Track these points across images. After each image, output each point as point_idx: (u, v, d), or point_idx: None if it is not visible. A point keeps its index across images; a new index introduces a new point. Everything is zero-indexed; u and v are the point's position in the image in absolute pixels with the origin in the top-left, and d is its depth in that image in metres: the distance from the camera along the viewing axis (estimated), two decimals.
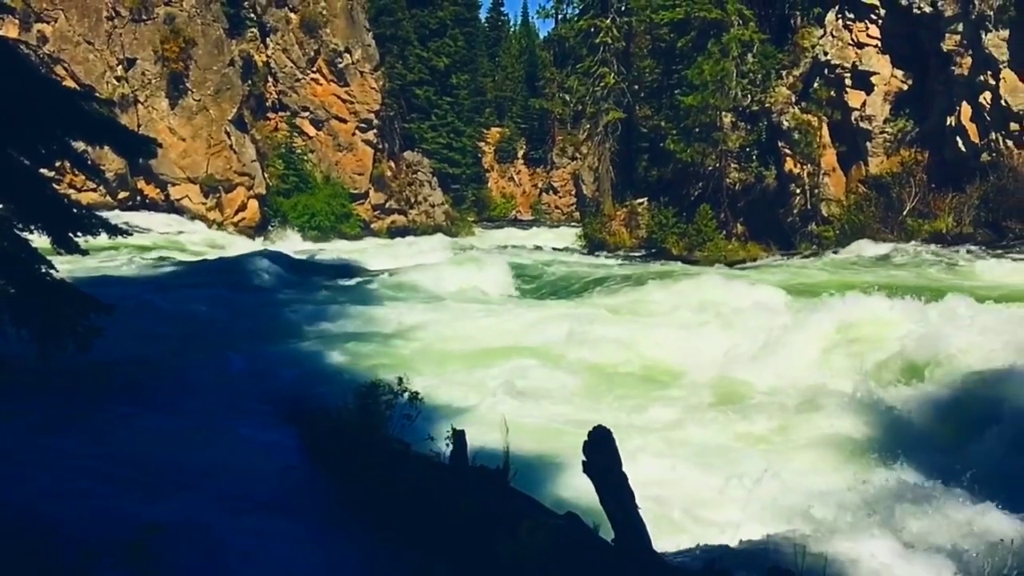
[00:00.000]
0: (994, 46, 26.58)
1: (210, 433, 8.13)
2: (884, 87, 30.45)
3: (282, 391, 10.33)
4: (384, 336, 14.65)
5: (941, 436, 9.41)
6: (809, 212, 31.43)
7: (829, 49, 31.33)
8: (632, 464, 5.23)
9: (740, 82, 31.69)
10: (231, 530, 5.65)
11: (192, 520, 5.49)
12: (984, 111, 27.10)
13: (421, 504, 5.88)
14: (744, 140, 32.71)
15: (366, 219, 45.49)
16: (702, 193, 33.17)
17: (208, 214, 38.66)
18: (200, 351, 12.47)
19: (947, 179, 27.63)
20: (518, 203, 70.40)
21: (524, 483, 6.46)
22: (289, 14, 43.65)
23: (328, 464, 7.32)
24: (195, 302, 16.87)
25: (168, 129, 37.97)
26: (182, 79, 38.20)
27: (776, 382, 11.60)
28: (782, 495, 7.50)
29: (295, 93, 44.09)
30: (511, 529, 5.10)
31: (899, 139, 29.72)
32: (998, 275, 19.53)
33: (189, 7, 38.57)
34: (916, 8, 28.76)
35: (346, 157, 44.86)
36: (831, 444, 9.38)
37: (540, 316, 16.28)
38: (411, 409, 7.04)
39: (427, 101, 55.32)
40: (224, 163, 38.75)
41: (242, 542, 5.50)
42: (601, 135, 40.12)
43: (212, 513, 5.91)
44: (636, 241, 35.55)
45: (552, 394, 11.26)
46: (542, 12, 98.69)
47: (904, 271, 21.83)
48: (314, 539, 5.89)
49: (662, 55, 38.26)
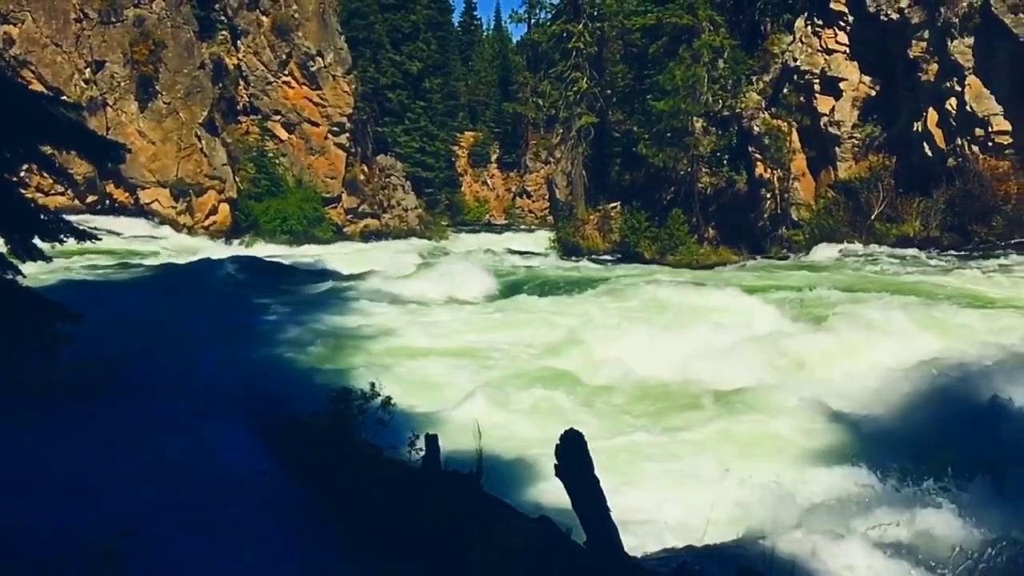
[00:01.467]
0: (959, 53, 27.04)
1: (177, 438, 8.05)
2: (852, 93, 30.87)
3: (253, 396, 10.25)
4: (357, 340, 14.59)
5: (907, 438, 9.54)
6: (779, 216, 31.76)
7: (798, 55, 31.71)
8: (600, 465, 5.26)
9: (711, 87, 31.97)
10: (198, 536, 5.60)
11: (159, 526, 5.44)
12: (950, 117, 27.56)
13: (393, 509, 5.87)
14: (715, 145, 33.00)
15: (339, 223, 45.25)
16: (674, 197, 33.41)
17: (178, 218, 38.29)
18: (168, 356, 12.33)
19: (914, 184, 28.05)
20: (492, 207, 70.39)
21: (497, 487, 6.47)
22: (260, 17, 43.37)
23: (299, 469, 7.27)
24: (164, 307, 16.69)
25: (137, 132, 37.58)
26: (152, 82, 37.82)
27: (730, 382, 11.70)
28: (748, 496, 7.57)
29: (266, 96, 43.79)
30: (484, 533, 5.12)
31: (867, 144, 30.15)
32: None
33: (159, 9, 38.21)
34: (883, 15, 29.19)
35: (318, 161, 44.62)
36: (793, 446, 9.47)
37: (514, 319, 16.32)
38: (384, 414, 7.02)
39: (400, 105, 55.17)
40: (194, 167, 38.40)
41: (209, 548, 5.46)
42: (574, 139, 40.27)
43: (179, 519, 5.86)
44: (609, 245, 35.70)
45: (525, 398, 11.28)
46: (515, 16, 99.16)
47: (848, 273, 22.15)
48: (284, 545, 5.85)
49: (634, 60, 38.51)
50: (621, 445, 9.49)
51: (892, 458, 8.79)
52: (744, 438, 9.80)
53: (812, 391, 10.94)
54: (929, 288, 18.51)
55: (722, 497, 7.38)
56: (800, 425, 9.94)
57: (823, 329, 13.66)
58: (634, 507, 7.48)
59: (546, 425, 9.63)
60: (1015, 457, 8.38)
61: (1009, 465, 8.17)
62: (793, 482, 8.01)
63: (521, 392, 11.49)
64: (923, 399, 10.28)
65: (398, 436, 6.72)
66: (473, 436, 6.50)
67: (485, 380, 12.00)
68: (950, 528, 6.91)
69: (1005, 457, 8.41)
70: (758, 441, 9.67)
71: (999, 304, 16.20)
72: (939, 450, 8.63)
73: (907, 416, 9.96)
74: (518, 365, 12.94)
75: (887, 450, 9.13)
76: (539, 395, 11.48)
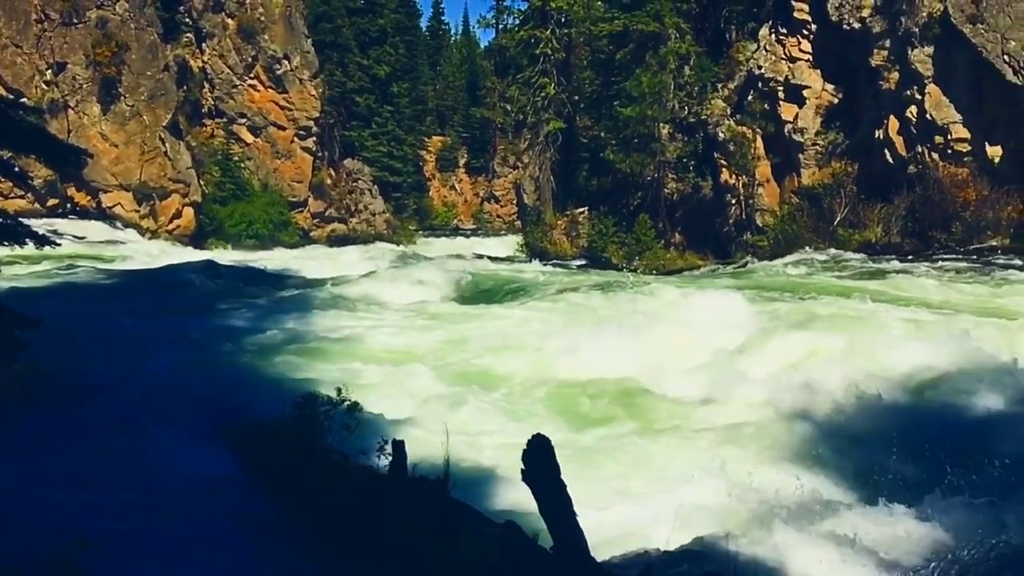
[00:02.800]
0: (920, 62, 27.53)
1: (141, 445, 7.95)
2: (816, 100, 31.30)
3: (217, 403, 10.14)
4: (323, 346, 14.49)
5: (873, 441, 9.66)
6: (744, 222, 32.09)
7: (763, 63, 32.09)
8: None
9: (677, 94, 32.27)
10: (162, 544, 5.53)
11: (120, 534, 5.36)
12: (910, 124, 28.05)
13: (359, 515, 5.84)
14: (681, 151, 33.29)
15: (305, 227, 44.95)
16: (641, 203, 33.64)
17: (141, 222, 37.78)
18: (131, 363, 12.18)
19: (876, 190, 28.49)
20: (460, 212, 70.28)
21: (464, 493, 6.46)
22: (226, 19, 42.99)
23: (264, 476, 7.21)
24: (127, 313, 16.46)
25: (100, 135, 37.05)
26: (115, 84, 37.31)
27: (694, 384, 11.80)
28: (714, 499, 7.63)
29: (232, 99, 43.40)
30: (450, 539, 5.10)
31: (830, 151, 30.56)
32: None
33: (122, 11, 37.70)
34: (846, 24, 29.64)
35: (285, 165, 44.30)
36: (758, 447, 9.56)
37: (481, 324, 16.31)
38: (350, 419, 6.97)
39: (367, 109, 54.95)
40: (158, 170, 37.92)
41: (172, 555, 5.39)
42: (542, 145, 40.40)
43: (141, 526, 5.78)
44: (577, 250, 35.84)
45: (494, 403, 11.27)
46: (483, 22, 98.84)
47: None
48: (248, 552, 5.80)
49: (601, 66, 38.73)
50: (587, 448, 9.52)
51: (859, 460, 8.91)
52: (708, 440, 9.88)
53: (778, 393, 11.05)
54: (892, 292, 18.85)
55: (687, 499, 7.43)
56: (765, 427, 10.04)
57: (788, 332, 13.81)
58: (598, 511, 7.51)
59: (514, 429, 9.63)
60: (980, 459, 8.51)
61: (974, 467, 8.31)
62: (758, 484, 8.08)
63: (489, 397, 11.49)
64: (889, 402, 10.42)
65: (364, 442, 6.67)
66: (440, 442, 6.49)
67: (453, 385, 11.97)
68: (916, 530, 7.00)
69: (970, 459, 8.55)
70: (722, 443, 9.75)
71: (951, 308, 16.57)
72: (905, 453, 8.75)
73: (873, 418, 10.09)
74: (487, 370, 12.93)
75: (854, 452, 9.25)
76: (507, 400, 11.48)
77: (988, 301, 17.21)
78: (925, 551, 6.62)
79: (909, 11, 27.73)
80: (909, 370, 11.17)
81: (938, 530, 7.00)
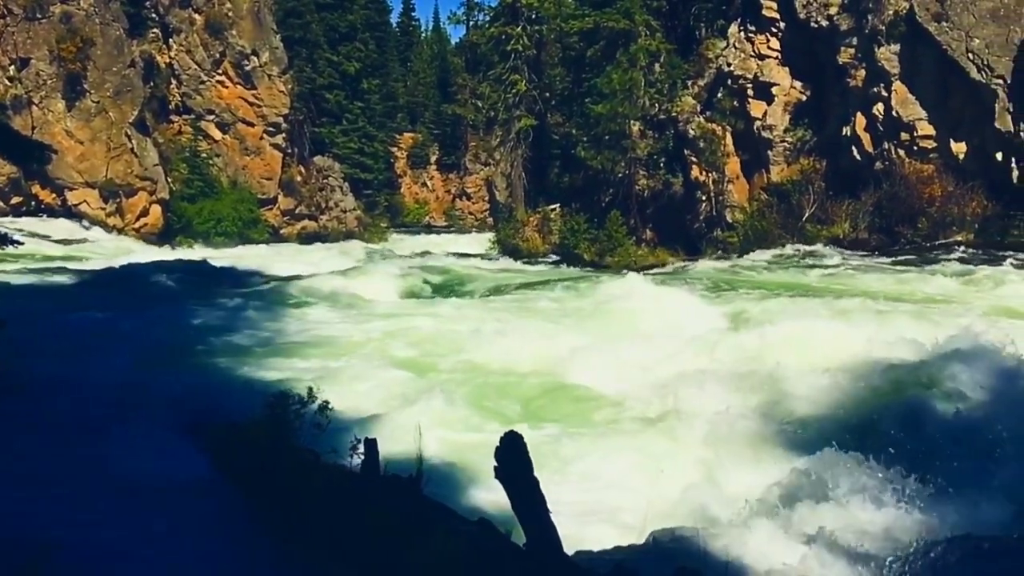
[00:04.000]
0: (886, 60, 27.88)
1: (106, 446, 7.82)
2: (784, 98, 31.58)
3: (185, 402, 10.02)
4: (294, 344, 14.40)
5: (844, 434, 9.74)
6: (715, 218, 32.31)
7: (732, 60, 32.32)
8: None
9: (648, 91, 32.38)
10: (129, 545, 5.45)
11: (87, 537, 5.27)
12: (877, 121, 28.40)
13: (331, 514, 5.80)
14: (652, 148, 33.43)
15: (275, 225, 44.59)
16: (612, 199, 33.75)
17: (108, 220, 37.27)
18: (96, 362, 12.00)
19: (844, 186, 28.82)
20: (431, 209, 70.15)
21: (437, 491, 6.43)
22: (193, 15, 42.50)
23: (235, 476, 7.13)
24: (92, 312, 16.23)
25: (65, 132, 36.50)
26: (80, 80, 36.76)
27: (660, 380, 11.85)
28: (685, 493, 7.67)
29: (200, 96, 42.92)
30: (423, 537, 5.08)
31: (798, 148, 30.86)
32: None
33: (87, 6, 37.15)
34: (813, 22, 29.93)
35: (254, 161, 43.90)
36: (729, 442, 9.62)
37: (453, 322, 16.27)
38: (321, 418, 6.92)
39: (338, 105, 54.65)
40: (125, 167, 37.41)
41: (141, 556, 5.31)
42: (513, 141, 40.37)
43: (108, 528, 5.69)
44: (549, 247, 35.87)
45: (465, 400, 11.25)
46: (453, 18, 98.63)
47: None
48: (218, 551, 5.73)
49: (572, 63, 38.80)
50: (558, 445, 9.53)
51: (830, 453, 8.95)
52: (678, 435, 9.92)
53: (747, 388, 11.11)
54: (861, 287, 19.14)
55: (658, 494, 7.46)
56: (736, 421, 10.09)
57: (755, 326, 13.92)
58: (570, 507, 7.52)
59: (487, 427, 9.62)
60: (948, 450, 8.62)
61: (942, 458, 8.41)
62: (728, 479, 8.15)
63: (461, 395, 11.46)
64: (858, 393, 10.51)
65: (337, 441, 6.63)
66: (414, 440, 6.46)
67: (426, 383, 11.94)
68: (890, 522, 7.05)
69: (940, 450, 8.66)
70: (692, 437, 9.79)
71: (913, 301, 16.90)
72: (876, 445, 8.84)
73: (843, 411, 10.18)
74: (459, 368, 12.90)
75: (824, 445, 9.31)
76: (480, 397, 11.46)
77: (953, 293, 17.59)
78: (897, 543, 6.68)
79: (875, 9, 28.07)
80: (873, 362, 11.25)
81: (910, 521, 7.06)
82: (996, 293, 17.84)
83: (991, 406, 9.36)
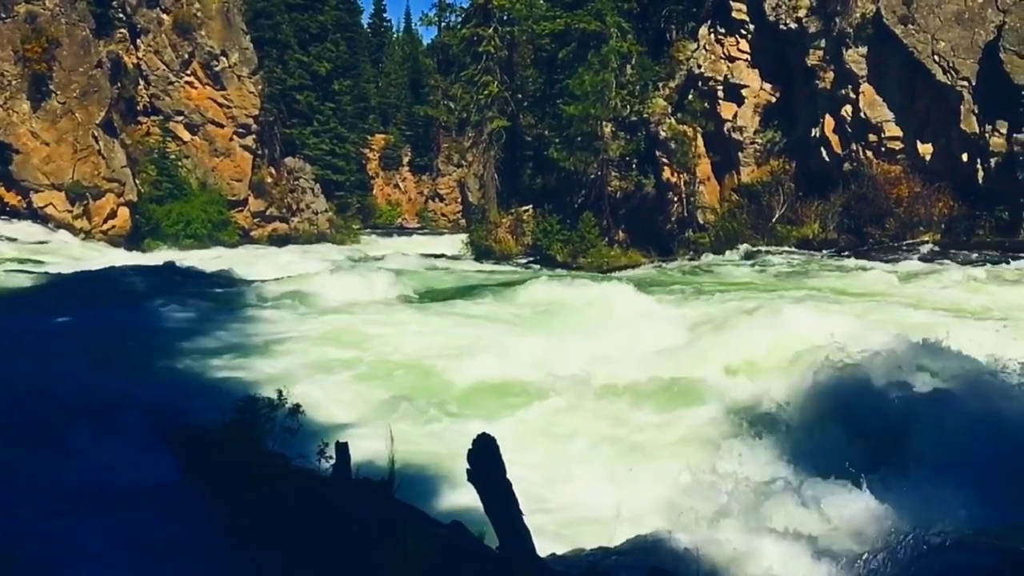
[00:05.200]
0: (854, 62, 28.20)
1: (71, 451, 7.70)
2: (754, 99, 31.84)
3: (153, 406, 9.89)
4: (264, 347, 14.24)
5: (809, 427, 9.81)
6: (686, 219, 32.50)
7: (702, 62, 32.52)
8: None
9: (619, 93, 32.49)
10: (93, 553, 5.36)
11: (48, 547, 5.17)
12: (845, 123, 28.72)
13: (302, 519, 5.74)
14: (624, 149, 33.55)
15: (245, 227, 44.20)
16: (585, 201, 33.83)
17: (75, 222, 36.71)
18: (58, 367, 11.79)
19: (813, 187, 29.11)
20: (404, 210, 69.96)
21: (410, 494, 6.38)
22: (161, 15, 42.03)
23: (205, 481, 7.05)
24: (57, 317, 15.96)
25: (30, 133, 35.93)
26: (45, 81, 36.20)
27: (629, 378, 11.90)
28: (657, 493, 7.68)
29: (168, 96, 42.45)
30: (394, 541, 5.04)
31: (768, 149, 31.14)
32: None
33: (52, 6, 36.59)
34: (782, 24, 30.21)
35: (223, 163, 43.49)
36: (698, 441, 9.65)
37: (424, 324, 16.19)
38: (292, 422, 6.85)
39: (308, 107, 54.33)
40: (92, 169, 36.89)
41: (107, 562, 5.23)
42: (486, 143, 40.32)
43: (74, 536, 5.59)
44: (522, 248, 35.90)
45: (437, 403, 11.19)
46: (425, 19, 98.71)
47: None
48: (186, 558, 5.66)
49: (544, 65, 38.86)
50: (533, 445, 9.51)
51: (802, 451, 9.01)
52: (648, 434, 9.94)
53: (716, 386, 11.16)
54: (829, 285, 19.42)
55: (630, 495, 7.46)
56: (705, 420, 10.14)
57: (723, 327, 13.98)
58: (542, 507, 7.51)
59: (459, 428, 9.57)
60: (922, 445, 8.71)
61: (916, 454, 8.50)
62: (701, 478, 8.16)
63: (433, 397, 11.41)
64: (829, 390, 10.57)
65: (308, 445, 6.56)
66: (385, 443, 6.40)
67: (397, 386, 11.86)
68: (860, 516, 7.10)
69: (908, 442, 8.74)
70: (663, 437, 9.82)
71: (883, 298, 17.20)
72: (850, 442, 8.91)
73: (814, 408, 10.24)
74: (429, 370, 12.83)
75: (797, 443, 9.36)
76: (452, 399, 11.42)
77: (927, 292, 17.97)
78: (869, 536, 6.74)
79: (843, 12, 28.38)
80: (848, 359, 11.31)
81: (881, 514, 7.12)
82: (932, 289, 18.66)
83: (945, 401, 9.47)
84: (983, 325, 13.35)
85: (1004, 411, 8.98)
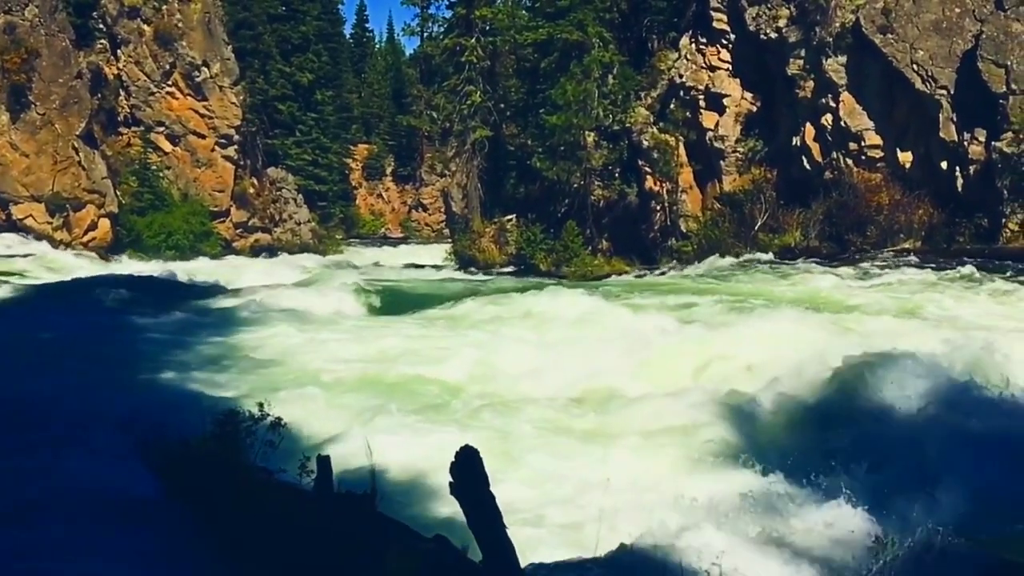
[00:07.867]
0: (834, 71, 28.44)
1: (48, 467, 7.57)
2: (735, 108, 32.02)
3: (133, 420, 9.77)
4: (245, 360, 14.16)
5: (794, 437, 9.83)
6: (669, 228, 32.62)
7: (684, 72, 32.69)
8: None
9: (602, 102, 32.58)
10: (76, 570, 5.27)
11: (27, 562, 5.09)
12: (826, 132, 28.94)
13: (283, 533, 5.68)
14: (607, 158, 33.64)
15: (228, 238, 43.98)
16: (568, 210, 33.88)
17: (55, 234, 36.40)
18: (36, 380, 11.66)
19: (794, 196, 29.29)
20: (387, 220, 69.85)
21: (393, 508, 6.34)
22: (142, 26, 41.84)
23: (184, 495, 6.96)
24: (35, 329, 15.80)
25: (9, 144, 35.64)
26: (24, 92, 35.92)
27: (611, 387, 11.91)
28: (640, 502, 7.66)
29: (149, 107, 42.23)
30: (377, 555, 5.00)
31: (750, 158, 31.30)
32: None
33: (31, 16, 36.35)
34: (763, 34, 30.42)
35: (205, 174, 43.28)
36: (680, 449, 9.65)
37: (406, 336, 16.14)
38: (273, 436, 6.79)
39: (291, 117, 54.20)
40: (72, 180, 36.62)
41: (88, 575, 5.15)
42: (469, 152, 40.31)
43: (54, 552, 5.51)
44: (506, 257, 35.90)
45: (419, 415, 11.15)
46: (407, 29, 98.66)
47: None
48: (169, 574, 5.58)
49: (527, 75, 38.91)
50: (511, 456, 9.48)
51: (785, 457, 9.02)
52: (632, 443, 9.92)
53: (698, 393, 11.17)
54: (811, 294, 19.51)
55: (612, 504, 7.43)
56: (689, 428, 10.14)
57: (708, 332, 14.03)
58: (522, 518, 7.48)
59: (440, 441, 9.52)
60: (903, 450, 8.74)
61: (898, 459, 8.53)
62: (683, 486, 8.16)
63: (414, 409, 11.36)
64: (811, 397, 10.62)
65: (289, 459, 6.50)
66: (367, 457, 6.36)
67: (378, 398, 11.80)
68: (846, 525, 7.10)
69: (892, 450, 8.78)
70: (646, 445, 9.81)
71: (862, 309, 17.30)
72: (832, 448, 8.93)
73: (798, 415, 10.28)
74: (411, 381, 12.79)
75: (780, 450, 9.38)
76: (432, 411, 11.37)
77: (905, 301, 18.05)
78: (854, 543, 6.74)
79: (823, 21, 28.62)
80: (830, 367, 11.37)
81: (865, 521, 7.13)
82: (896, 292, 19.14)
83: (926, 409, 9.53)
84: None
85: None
